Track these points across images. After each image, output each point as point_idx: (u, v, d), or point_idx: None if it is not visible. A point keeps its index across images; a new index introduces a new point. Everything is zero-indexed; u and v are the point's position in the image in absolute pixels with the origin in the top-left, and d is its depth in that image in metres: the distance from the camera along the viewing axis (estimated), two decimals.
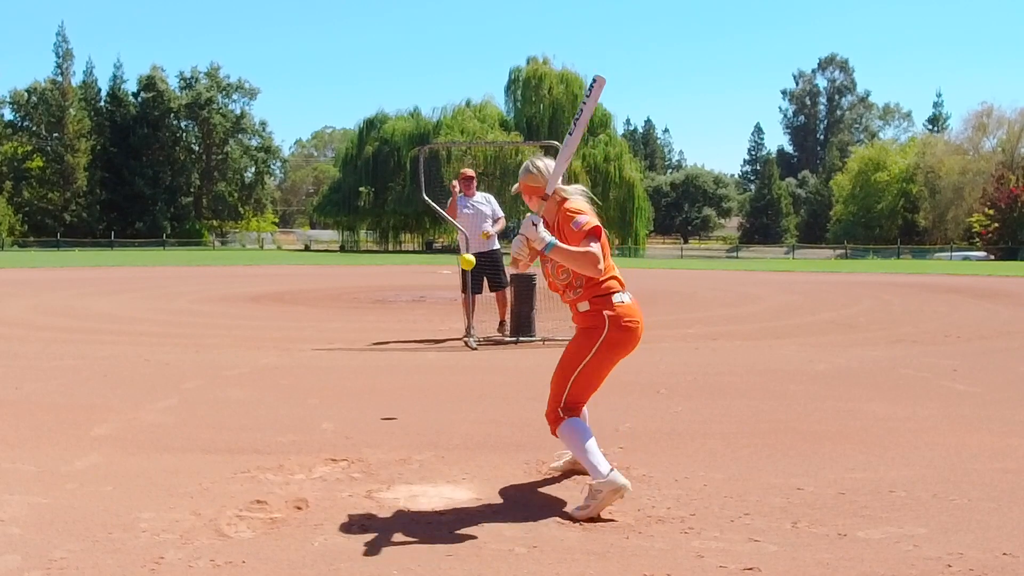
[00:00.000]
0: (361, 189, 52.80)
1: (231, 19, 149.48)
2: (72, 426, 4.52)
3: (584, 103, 3.17)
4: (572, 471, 3.66)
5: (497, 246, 8.42)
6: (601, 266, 3.09)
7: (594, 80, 3.15)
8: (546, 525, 3.01)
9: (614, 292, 3.20)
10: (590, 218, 3.16)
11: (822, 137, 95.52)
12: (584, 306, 3.22)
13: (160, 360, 6.92)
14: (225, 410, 5.00)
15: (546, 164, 3.30)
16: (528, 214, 3.18)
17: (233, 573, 2.58)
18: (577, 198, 3.28)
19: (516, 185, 3.34)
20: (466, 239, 8.17)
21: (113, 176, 59.09)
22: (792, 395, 5.56)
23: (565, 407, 3.26)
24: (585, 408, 3.40)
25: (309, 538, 2.87)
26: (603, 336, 3.16)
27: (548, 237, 3.08)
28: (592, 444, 3.16)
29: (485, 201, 8.36)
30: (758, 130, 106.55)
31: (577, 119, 3.19)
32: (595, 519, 3.05)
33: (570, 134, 3.22)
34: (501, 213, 8.44)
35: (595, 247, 3.09)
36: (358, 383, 6.00)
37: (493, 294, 8.42)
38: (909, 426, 4.62)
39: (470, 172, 8.48)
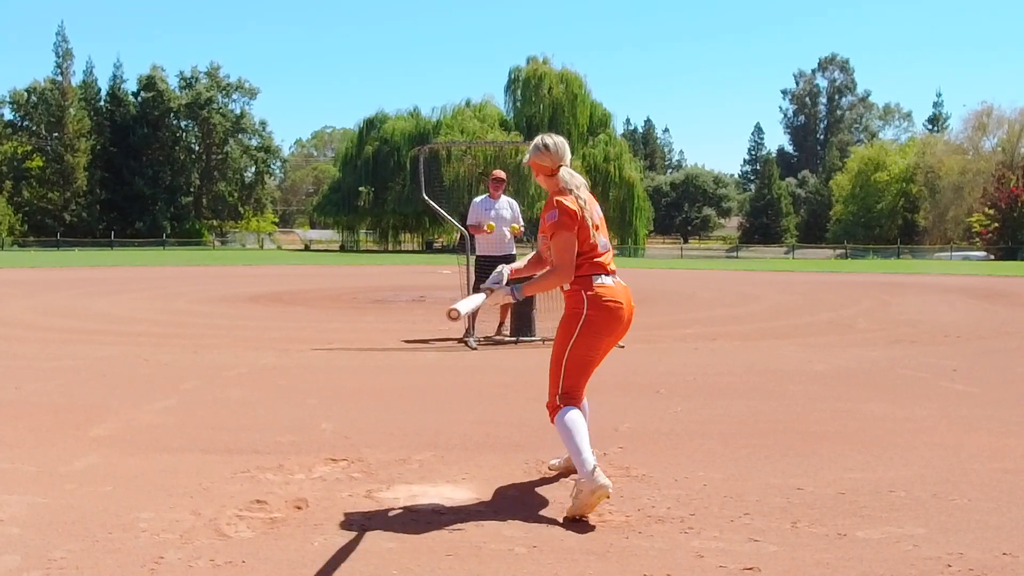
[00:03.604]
0: (361, 189, 52.78)
1: (231, 19, 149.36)
2: (71, 426, 4.52)
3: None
4: (569, 470, 3.63)
5: (513, 250, 8.32)
6: (565, 273, 3.20)
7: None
8: (546, 525, 3.02)
9: (595, 274, 3.24)
10: (562, 215, 3.20)
11: (822, 137, 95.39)
12: (567, 286, 3.29)
13: (159, 360, 6.92)
14: (224, 410, 5.00)
15: (555, 142, 3.31)
16: (494, 272, 3.38)
17: (233, 573, 2.58)
18: (570, 196, 3.27)
19: (526, 157, 3.35)
20: (472, 239, 8.15)
21: (113, 176, 59.05)
22: (791, 395, 5.56)
23: (563, 395, 3.26)
24: (585, 401, 3.41)
25: (309, 538, 2.87)
26: (583, 317, 3.20)
27: (512, 288, 3.29)
28: (582, 439, 3.13)
29: (508, 206, 8.24)
30: (758, 130, 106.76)
31: None
32: (584, 518, 3.04)
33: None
34: (522, 221, 8.35)
35: (564, 237, 3.18)
36: (358, 383, 6.01)
37: None
38: (908, 426, 4.62)
39: (501, 174, 8.25)
